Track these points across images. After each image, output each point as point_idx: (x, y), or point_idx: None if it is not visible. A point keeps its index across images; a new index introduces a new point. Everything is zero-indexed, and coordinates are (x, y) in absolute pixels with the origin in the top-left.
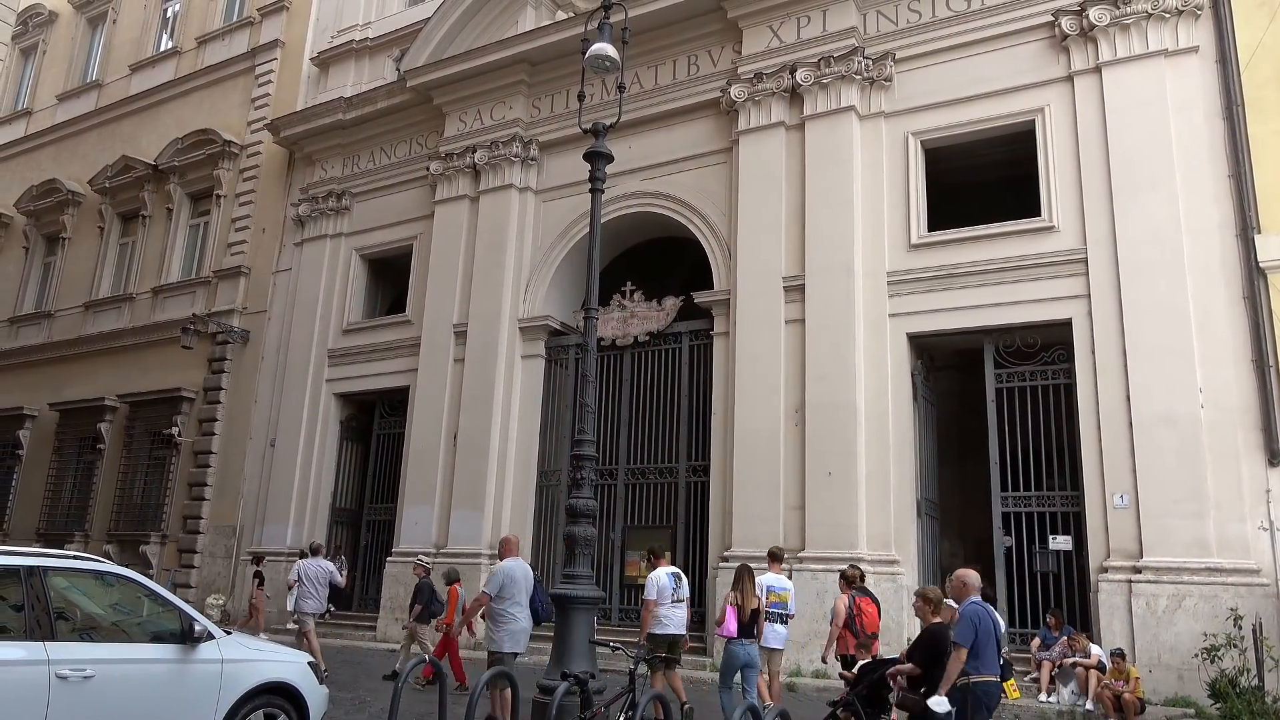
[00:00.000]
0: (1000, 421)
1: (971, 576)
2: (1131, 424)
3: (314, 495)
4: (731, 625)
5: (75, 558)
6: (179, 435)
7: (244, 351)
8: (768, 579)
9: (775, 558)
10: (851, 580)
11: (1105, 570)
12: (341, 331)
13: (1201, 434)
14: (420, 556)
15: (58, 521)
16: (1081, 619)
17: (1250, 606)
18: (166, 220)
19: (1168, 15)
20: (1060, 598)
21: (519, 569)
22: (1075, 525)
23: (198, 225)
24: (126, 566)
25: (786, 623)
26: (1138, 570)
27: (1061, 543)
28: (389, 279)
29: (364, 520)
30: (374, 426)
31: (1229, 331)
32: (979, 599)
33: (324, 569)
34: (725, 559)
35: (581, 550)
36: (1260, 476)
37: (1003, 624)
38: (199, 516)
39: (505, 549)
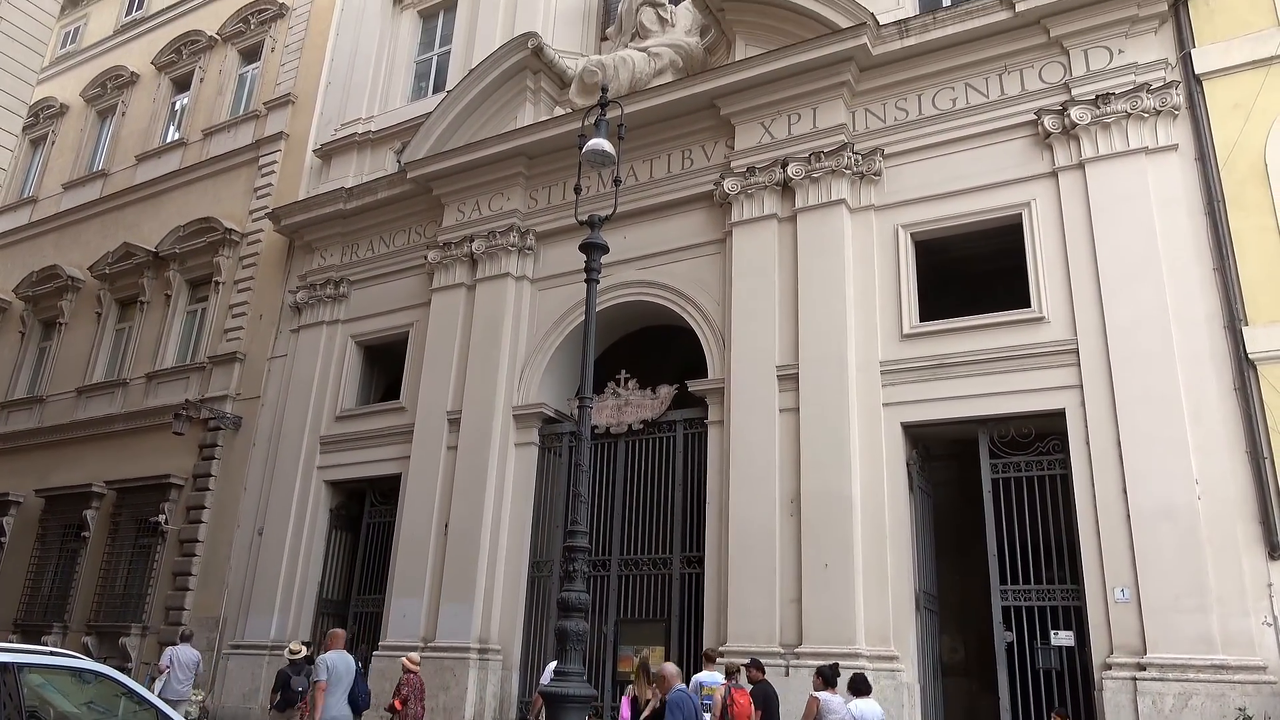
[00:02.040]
0: (997, 513)
1: (670, 668)
2: (1129, 515)
3: (300, 585)
4: (625, 714)
5: (52, 653)
6: (166, 523)
7: (235, 438)
8: (702, 675)
9: (709, 657)
10: (731, 673)
11: (1109, 667)
12: (335, 418)
13: (1200, 526)
14: (290, 646)
15: (37, 612)
16: (1086, 718)
17: (1259, 706)
18: (164, 306)
19: (1146, 115)
20: (1064, 695)
21: (340, 661)
22: (1077, 619)
23: (195, 311)
24: (105, 659)
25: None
26: (1142, 667)
27: (1064, 638)
28: (384, 366)
29: (351, 612)
30: (364, 515)
31: (1222, 422)
32: (684, 687)
33: (193, 656)
34: (721, 655)
35: (573, 646)
36: (1261, 570)
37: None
38: (182, 608)
39: (331, 641)
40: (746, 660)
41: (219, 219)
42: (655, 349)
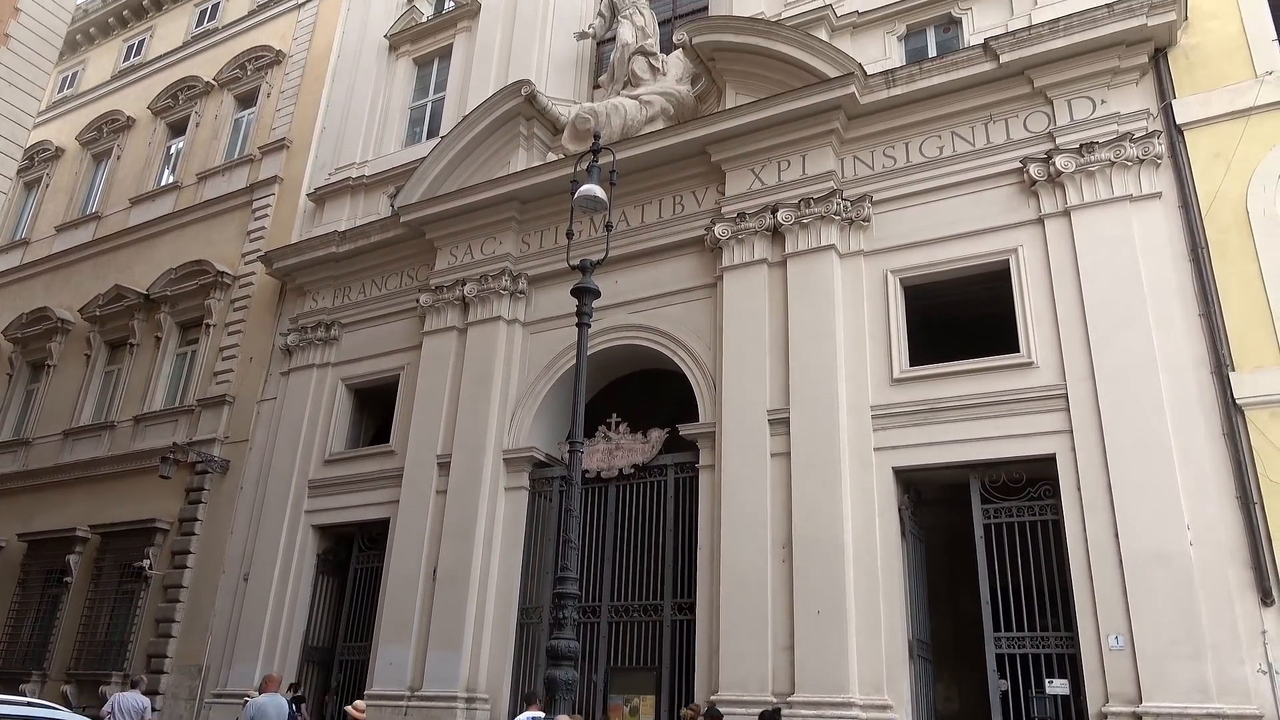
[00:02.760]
0: (990, 559)
1: None
2: (1122, 561)
3: (286, 632)
4: None
5: (29, 704)
6: (150, 568)
7: (223, 481)
8: None
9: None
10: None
11: (1105, 716)
12: (323, 461)
13: (1193, 572)
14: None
15: (15, 659)
16: None
17: None
18: (154, 349)
19: (1130, 164)
20: None
21: (271, 705)
22: (1072, 666)
23: (185, 354)
24: (84, 709)
25: None
26: (1138, 716)
27: (1059, 687)
28: (374, 409)
29: (337, 660)
30: (352, 560)
31: (1211, 467)
32: None
33: (138, 704)
34: (712, 704)
35: (563, 695)
36: (1254, 616)
37: None
38: (164, 655)
39: (266, 684)
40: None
41: (211, 262)
42: (646, 393)
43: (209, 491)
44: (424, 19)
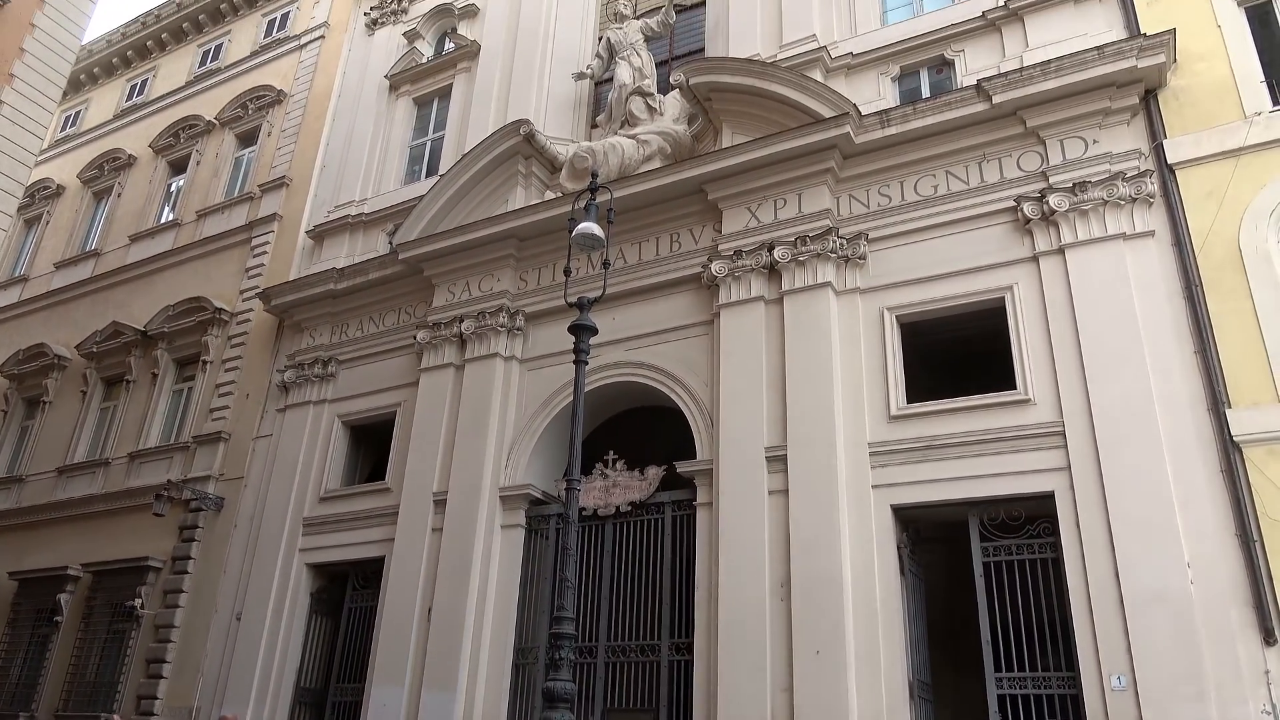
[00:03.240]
0: (990, 598)
1: None
2: (1123, 600)
3: (278, 673)
4: None
5: None
6: (141, 607)
7: (216, 519)
8: None
9: None
10: None
11: None
12: (319, 499)
13: (1194, 611)
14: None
15: (3, 700)
16: None
17: None
18: (150, 385)
19: (1123, 203)
20: None
21: None
22: (1074, 708)
23: (181, 390)
24: None
25: None
26: None
27: None
28: (370, 446)
29: (329, 701)
30: (346, 599)
31: (1211, 506)
32: None
33: None
34: None
35: None
36: (1257, 657)
37: None
38: (154, 696)
39: None
40: None
41: (209, 298)
42: (644, 430)
43: (203, 529)
44: (424, 60)
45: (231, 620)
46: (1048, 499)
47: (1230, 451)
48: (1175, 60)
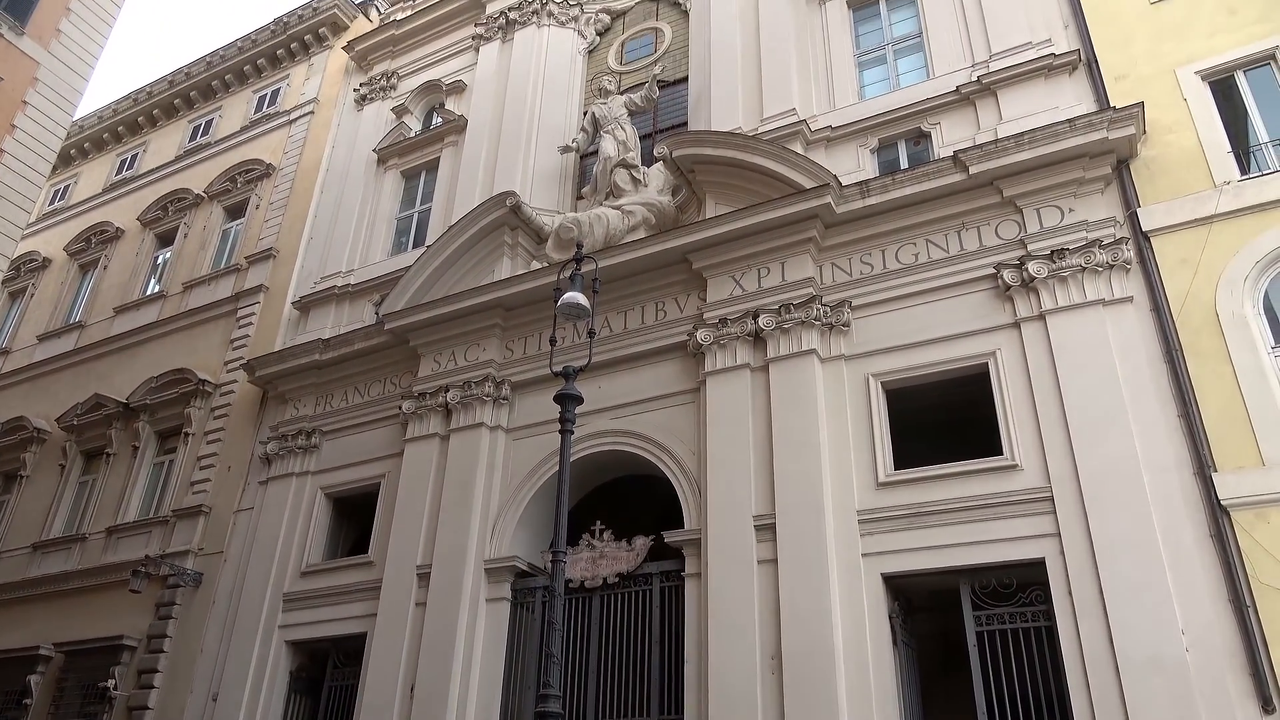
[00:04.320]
0: (984, 668)
1: None
2: (1118, 668)
3: None
4: None
5: None
6: (114, 689)
7: (194, 596)
8: None
9: None
10: None
11: None
12: (299, 574)
13: (1191, 679)
14: None
15: None
16: None
17: None
18: (131, 458)
19: (1100, 269)
20: None
21: None
22: None
23: (162, 463)
24: None
25: None
26: None
27: None
28: (353, 519)
29: None
30: (326, 678)
31: (1202, 570)
32: None
33: None
34: None
35: None
36: None
37: None
38: None
39: None
40: None
41: (193, 370)
42: (631, 498)
43: (180, 606)
44: (412, 134)
45: (208, 701)
46: (1038, 566)
47: (1218, 515)
48: (1145, 132)
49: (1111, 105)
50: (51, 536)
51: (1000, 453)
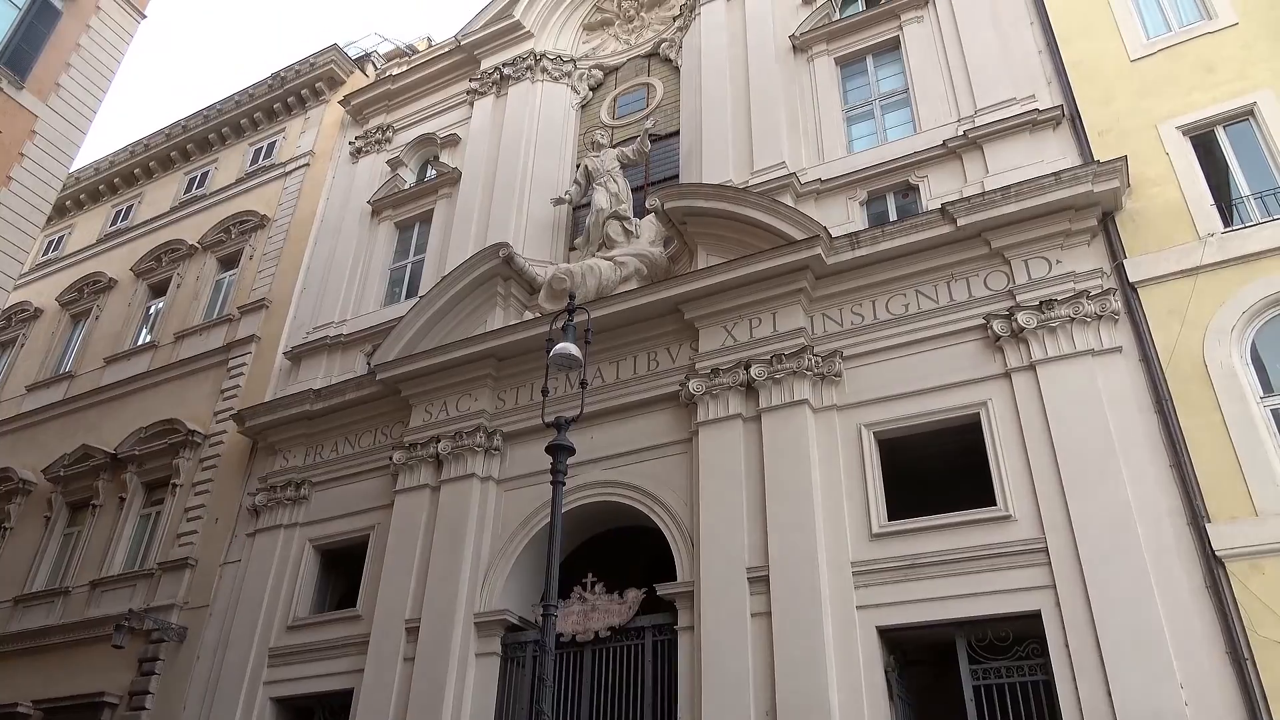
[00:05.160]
0: None
1: None
2: None
3: None
4: None
5: None
6: None
7: (178, 651)
8: None
9: None
10: None
11: None
12: (286, 628)
13: None
14: None
15: None
16: None
17: None
18: (117, 510)
19: (1089, 320)
20: None
21: None
22: None
23: (149, 515)
24: None
25: None
26: None
27: None
28: (341, 571)
29: None
30: None
31: (1199, 622)
32: None
33: None
34: None
35: None
36: None
37: None
38: None
39: None
40: None
41: (182, 420)
42: (623, 550)
43: (163, 662)
44: (407, 185)
45: None
46: (1035, 618)
47: (1213, 566)
48: (1129, 185)
49: (1096, 159)
50: (34, 590)
51: (994, 503)
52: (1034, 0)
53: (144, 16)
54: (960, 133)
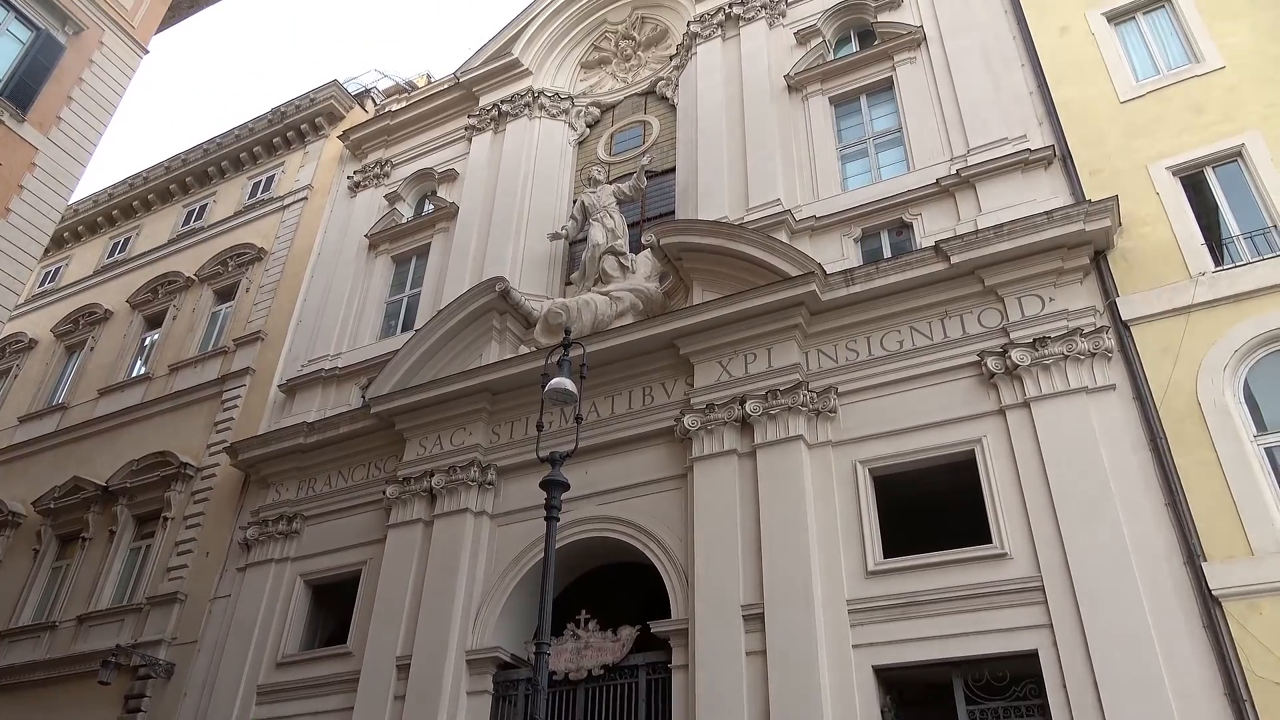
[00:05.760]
0: None
1: None
2: None
3: None
4: None
5: None
6: None
7: (166, 688)
8: None
9: None
10: None
11: None
12: (275, 665)
13: None
14: None
15: None
16: None
17: None
18: (107, 543)
19: (1083, 357)
20: None
21: None
22: None
23: (139, 549)
24: None
25: None
26: None
27: None
28: (332, 607)
29: None
30: None
31: (1197, 662)
32: None
33: None
34: None
35: None
36: None
37: None
38: None
39: None
40: None
41: (175, 453)
42: (618, 586)
43: (150, 699)
44: (404, 220)
45: None
46: (1032, 658)
47: (1210, 606)
48: (1120, 224)
49: (1087, 198)
50: (20, 624)
51: (990, 540)
52: (1024, 43)
53: (146, 51)
54: (953, 171)
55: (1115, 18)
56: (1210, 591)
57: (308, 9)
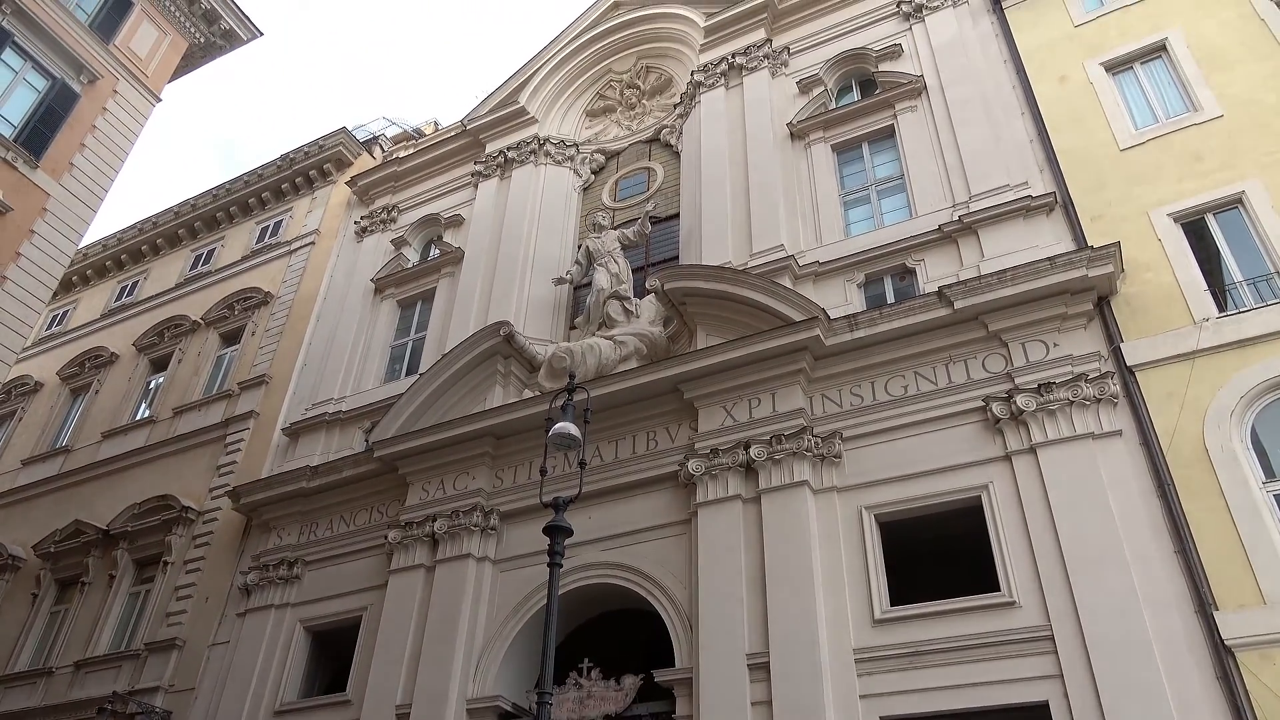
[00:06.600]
0: None
1: None
2: None
3: None
4: None
5: None
6: None
7: None
8: None
9: None
10: None
11: None
12: (273, 713)
13: None
14: None
15: None
16: None
17: None
18: (106, 588)
19: (1088, 403)
20: None
21: None
22: None
23: (138, 593)
24: None
25: None
26: None
27: None
28: (332, 654)
29: None
30: None
31: (1210, 715)
32: None
33: None
34: None
35: None
36: None
37: None
38: None
39: None
40: None
41: (177, 496)
42: (621, 634)
43: None
44: (410, 264)
45: None
46: (1042, 710)
47: (1224, 656)
48: (1123, 270)
49: (1089, 244)
50: (16, 670)
51: (997, 588)
52: (1024, 92)
53: (159, 100)
54: (955, 218)
55: (1113, 68)
56: (1222, 641)
57: (319, 58)
